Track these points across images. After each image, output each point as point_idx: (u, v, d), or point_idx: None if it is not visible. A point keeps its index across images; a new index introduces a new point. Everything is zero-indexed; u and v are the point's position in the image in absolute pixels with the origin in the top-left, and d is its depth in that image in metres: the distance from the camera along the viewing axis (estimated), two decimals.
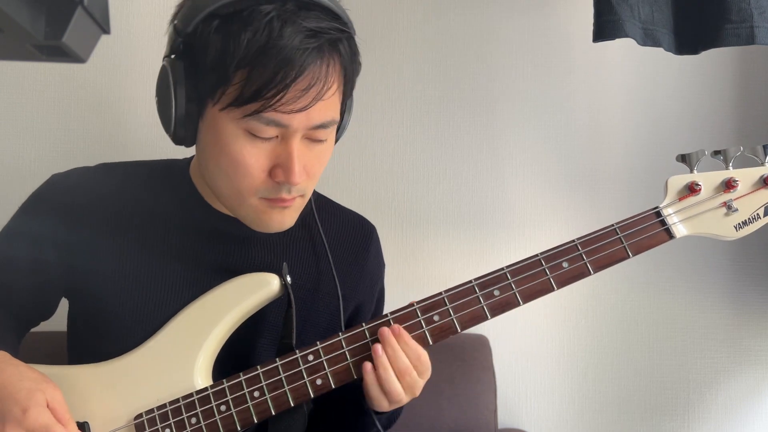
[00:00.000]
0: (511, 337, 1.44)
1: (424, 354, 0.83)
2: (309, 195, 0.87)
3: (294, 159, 0.79)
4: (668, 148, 1.45)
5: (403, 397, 0.82)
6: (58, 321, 0.99)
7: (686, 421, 1.45)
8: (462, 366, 1.31)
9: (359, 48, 0.85)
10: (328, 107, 0.80)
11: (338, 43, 0.79)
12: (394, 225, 1.44)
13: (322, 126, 0.80)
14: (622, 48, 1.37)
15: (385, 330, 0.82)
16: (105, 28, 0.36)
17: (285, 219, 0.85)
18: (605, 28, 1.14)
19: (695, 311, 1.45)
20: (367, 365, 0.81)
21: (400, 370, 0.81)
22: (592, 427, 1.46)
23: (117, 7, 1.39)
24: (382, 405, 0.83)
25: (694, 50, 1.20)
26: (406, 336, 0.82)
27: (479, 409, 1.32)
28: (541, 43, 1.45)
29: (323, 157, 0.85)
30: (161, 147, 1.39)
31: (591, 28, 1.17)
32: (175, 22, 0.81)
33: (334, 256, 0.94)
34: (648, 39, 1.18)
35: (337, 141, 0.89)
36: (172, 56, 0.81)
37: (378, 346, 0.81)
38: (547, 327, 1.45)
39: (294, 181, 0.79)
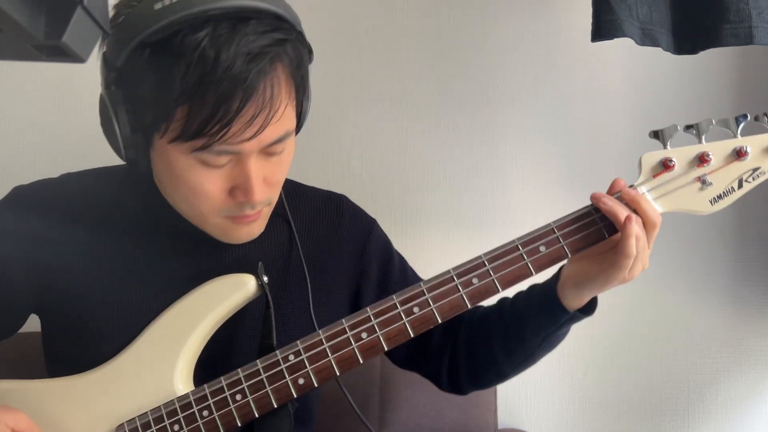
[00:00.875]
0: None
1: (656, 214, 0.83)
2: (275, 201, 0.85)
3: (252, 179, 0.76)
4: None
5: (640, 269, 0.84)
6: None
7: (686, 421, 1.45)
8: None
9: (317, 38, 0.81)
10: (280, 125, 0.75)
11: (282, 56, 0.73)
12: (394, 225, 1.44)
13: (277, 141, 0.77)
14: (621, 48, 1.37)
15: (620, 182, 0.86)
16: (105, 28, 0.36)
17: (253, 230, 0.84)
18: (604, 27, 1.14)
19: (695, 311, 1.45)
20: (631, 224, 0.81)
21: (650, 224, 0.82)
22: (592, 427, 1.46)
23: None
24: (618, 281, 0.82)
25: (692, 50, 1.21)
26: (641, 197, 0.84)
27: (479, 409, 1.32)
28: (540, 43, 1.45)
29: (283, 164, 0.81)
30: None
31: (590, 28, 1.17)
32: (104, 51, 0.76)
33: (310, 237, 0.92)
34: (646, 39, 1.18)
35: (299, 131, 0.85)
36: (106, 87, 0.76)
37: (632, 217, 0.81)
38: None
39: (255, 200, 0.77)
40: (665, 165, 0.86)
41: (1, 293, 0.87)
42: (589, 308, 0.89)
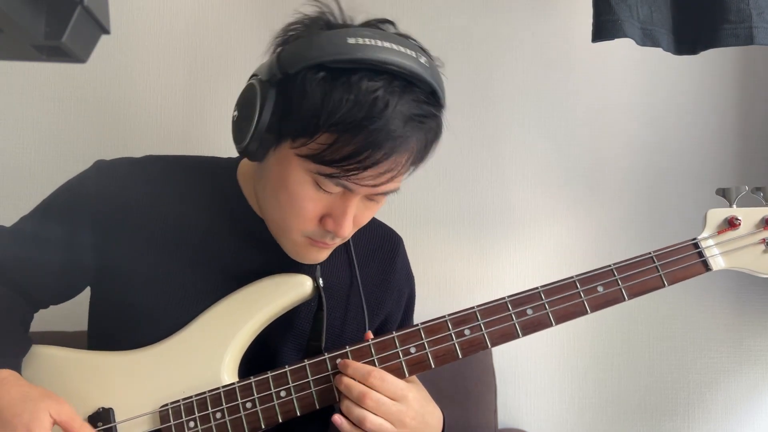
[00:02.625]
0: None
1: (378, 375, 0.80)
2: (348, 237, 0.87)
3: (347, 216, 0.80)
4: (667, 148, 1.45)
5: (387, 428, 0.79)
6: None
7: (686, 421, 1.45)
8: (462, 366, 1.31)
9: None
10: (396, 183, 0.81)
11: (428, 129, 0.80)
12: (393, 225, 1.44)
13: (384, 193, 0.82)
14: (622, 48, 1.37)
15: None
16: (105, 28, 0.36)
17: (320, 255, 0.88)
18: (604, 28, 1.14)
19: (695, 311, 1.45)
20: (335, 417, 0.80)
21: (356, 397, 0.79)
22: (592, 427, 1.46)
23: (117, 7, 1.40)
24: None
25: (693, 50, 1.21)
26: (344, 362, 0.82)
27: (479, 409, 1.32)
28: (540, 43, 1.45)
29: (372, 211, 0.87)
30: (161, 147, 1.40)
31: (590, 28, 1.17)
32: (282, 52, 0.78)
33: (362, 269, 0.96)
34: (647, 39, 1.18)
35: None
36: (266, 80, 0.78)
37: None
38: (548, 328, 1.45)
39: (341, 234, 0.81)
40: (731, 223, 0.88)
41: (68, 259, 0.89)
42: None
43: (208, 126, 1.41)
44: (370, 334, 0.85)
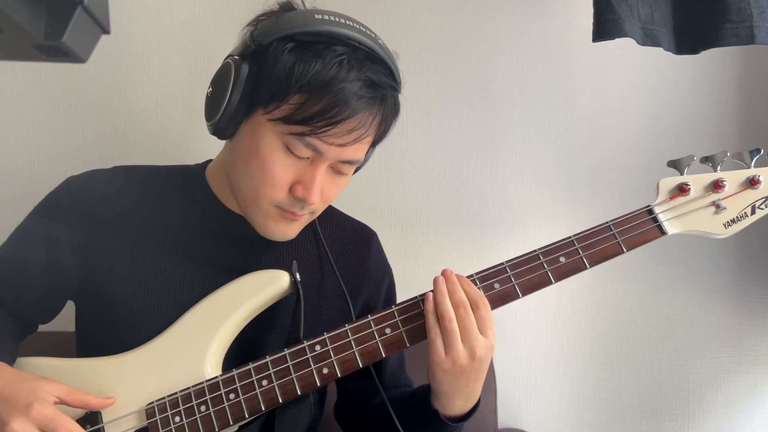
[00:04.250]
0: (511, 337, 1.44)
1: (477, 294, 0.84)
2: (317, 213, 0.93)
3: (316, 182, 0.85)
4: (668, 148, 1.45)
5: (459, 348, 0.82)
6: (62, 321, 0.99)
7: (686, 421, 1.45)
8: None
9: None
10: (360, 149, 0.87)
11: (387, 99, 0.87)
12: (394, 225, 1.44)
13: (349, 162, 0.87)
14: (622, 48, 1.37)
15: (447, 270, 0.87)
16: (105, 28, 0.36)
17: (289, 230, 0.90)
18: (605, 27, 1.14)
19: (695, 311, 1.45)
20: (429, 294, 0.85)
21: (456, 301, 0.83)
22: (592, 427, 1.46)
23: (117, 7, 1.40)
24: (440, 358, 0.82)
25: (693, 50, 1.20)
26: (466, 279, 0.86)
27: (479, 409, 1.31)
28: (540, 42, 1.45)
29: (339, 186, 0.91)
30: (161, 147, 1.40)
31: (591, 27, 1.17)
32: (253, 29, 0.85)
33: (336, 261, 0.99)
34: (647, 39, 1.18)
35: (355, 172, 0.96)
36: (239, 57, 0.85)
37: (439, 277, 0.86)
38: (547, 327, 1.45)
39: (310, 201, 0.85)
40: (681, 189, 0.92)
41: (51, 277, 0.92)
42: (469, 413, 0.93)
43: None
44: (449, 271, 0.88)
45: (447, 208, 1.45)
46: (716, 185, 0.91)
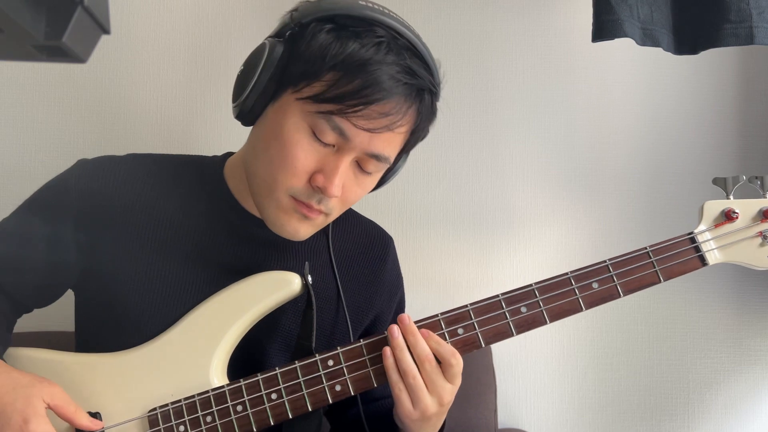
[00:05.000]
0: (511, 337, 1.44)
1: (450, 351, 0.80)
2: (332, 217, 0.86)
3: (339, 172, 0.79)
4: (668, 148, 1.45)
5: (427, 401, 0.79)
6: (59, 322, 0.99)
7: (686, 421, 1.45)
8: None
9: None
10: (390, 142, 0.81)
11: (424, 94, 0.82)
12: (393, 225, 1.44)
13: (376, 157, 0.81)
14: (622, 48, 1.37)
15: (404, 317, 0.81)
16: (105, 28, 0.36)
17: (300, 229, 0.84)
18: (604, 27, 1.14)
19: (695, 311, 1.45)
20: (386, 349, 0.80)
21: (419, 356, 0.79)
22: (592, 427, 1.46)
23: (117, 7, 1.40)
24: (407, 410, 0.80)
25: (693, 50, 1.20)
26: (435, 336, 0.81)
27: (479, 409, 1.32)
28: (540, 43, 1.45)
29: (363, 188, 0.85)
30: (161, 147, 1.40)
31: (590, 28, 1.17)
32: (294, 11, 0.82)
33: (352, 267, 0.95)
34: (647, 39, 1.18)
35: (385, 183, 0.91)
36: (275, 37, 0.82)
37: (395, 329, 0.80)
38: (547, 327, 1.45)
39: (330, 192, 0.79)
40: (728, 216, 0.85)
41: (51, 264, 0.88)
42: None
43: (208, 126, 1.40)
44: (405, 318, 0.83)
45: (447, 208, 1.45)
46: (765, 214, 0.85)
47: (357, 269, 0.96)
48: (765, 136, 1.44)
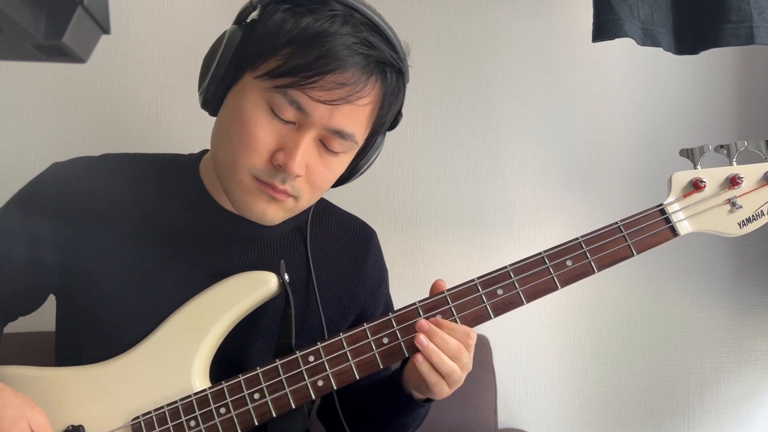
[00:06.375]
0: (511, 337, 1.44)
1: (465, 333, 0.81)
2: (303, 202, 0.84)
3: (300, 148, 0.77)
4: (668, 148, 1.45)
5: (462, 378, 0.82)
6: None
7: (686, 421, 1.45)
8: None
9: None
10: (353, 116, 0.79)
11: (386, 68, 0.80)
12: (393, 225, 1.44)
13: (340, 134, 0.79)
14: (622, 48, 1.37)
15: (424, 324, 0.80)
16: (105, 28, 0.36)
17: (269, 211, 0.82)
18: (604, 27, 1.14)
19: (695, 311, 1.45)
20: (418, 356, 0.79)
21: (453, 353, 0.79)
22: (592, 427, 1.46)
23: (117, 7, 1.40)
24: (443, 390, 0.81)
25: (693, 50, 1.20)
26: (447, 322, 0.81)
27: (479, 409, 1.32)
28: (540, 43, 1.45)
29: (330, 169, 0.83)
30: (161, 147, 1.39)
31: (590, 28, 1.17)
32: None
33: (332, 262, 0.94)
34: (647, 39, 1.18)
35: (361, 170, 0.90)
36: (234, 24, 0.82)
37: (422, 338, 0.79)
38: (547, 327, 1.45)
39: (291, 169, 0.77)
40: (696, 185, 0.86)
41: (30, 267, 0.86)
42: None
43: (208, 126, 1.40)
44: (442, 284, 0.84)
45: (447, 208, 1.45)
46: (732, 181, 0.85)
47: (337, 263, 0.95)
48: (765, 136, 1.44)
